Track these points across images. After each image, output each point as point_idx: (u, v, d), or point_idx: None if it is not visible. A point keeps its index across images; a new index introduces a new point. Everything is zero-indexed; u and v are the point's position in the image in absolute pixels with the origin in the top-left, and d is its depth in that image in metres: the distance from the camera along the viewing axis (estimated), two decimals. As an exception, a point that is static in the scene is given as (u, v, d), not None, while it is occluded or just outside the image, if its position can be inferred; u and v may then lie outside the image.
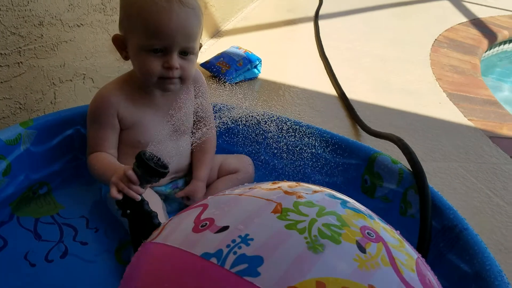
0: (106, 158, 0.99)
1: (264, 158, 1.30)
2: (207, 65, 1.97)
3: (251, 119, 1.08)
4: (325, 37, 2.70)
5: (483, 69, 2.68)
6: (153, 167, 0.80)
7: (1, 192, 1.02)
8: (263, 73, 2.06)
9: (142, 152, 0.82)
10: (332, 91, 2.02)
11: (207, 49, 2.32)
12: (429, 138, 1.69)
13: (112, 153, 1.02)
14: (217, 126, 1.01)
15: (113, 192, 0.85)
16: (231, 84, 1.92)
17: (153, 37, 0.91)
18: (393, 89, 2.13)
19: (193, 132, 1.11)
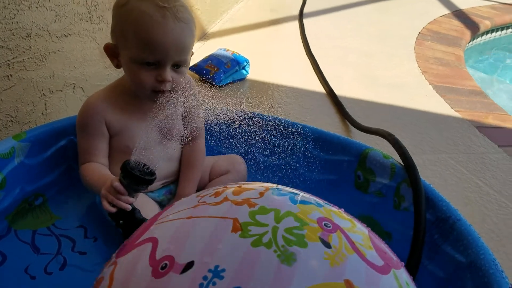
0: (96, 169, 0.99)
1: (257, 158, 1.31)
2: (195, 68, 1.98)
3: (243, 119, 1.09)
4: (311, 35, 2.72)
5: (467, 59, 2.73)
6: (139, 176, 0.79)
7: (-2, 206, 1.01)
8: (251, 73, 2.08)
9: (127, 161, 0.81)
10: (321, 89, 2.04)
11: (194, 52, 2.31)
12: (417, 131, 1.72)
13: (103, 162, 1.01)
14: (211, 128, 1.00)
15: (104, 205, 0.85)
16: (221, 86, 1.93)
17: (146, 51, 0.91)
18: (380, 84, 2.15)
19: (182, 139, 1.11)
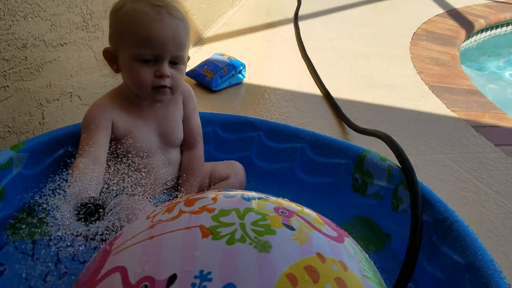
0: (83, 171, 0.93)
1: (255, 163, 1.32)
2: (192, 73, 1.98)
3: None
4: (306, 37, 2.72)
5: (462, 59, 2.74)
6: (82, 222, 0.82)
7: (-3, 218, 1.01)
8: (247, 78, 2.08)
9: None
10: (317, 91, 2.04)
11: (190, 57, 2.32)
12: (414, 132, 1.72)
13: (100, 154, 0.98)
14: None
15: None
16: (217, 91, 1.94)
17: (145, 46, 0.94)
18: (376, 85, 2.16)
19: (181, 146, 1.13)
